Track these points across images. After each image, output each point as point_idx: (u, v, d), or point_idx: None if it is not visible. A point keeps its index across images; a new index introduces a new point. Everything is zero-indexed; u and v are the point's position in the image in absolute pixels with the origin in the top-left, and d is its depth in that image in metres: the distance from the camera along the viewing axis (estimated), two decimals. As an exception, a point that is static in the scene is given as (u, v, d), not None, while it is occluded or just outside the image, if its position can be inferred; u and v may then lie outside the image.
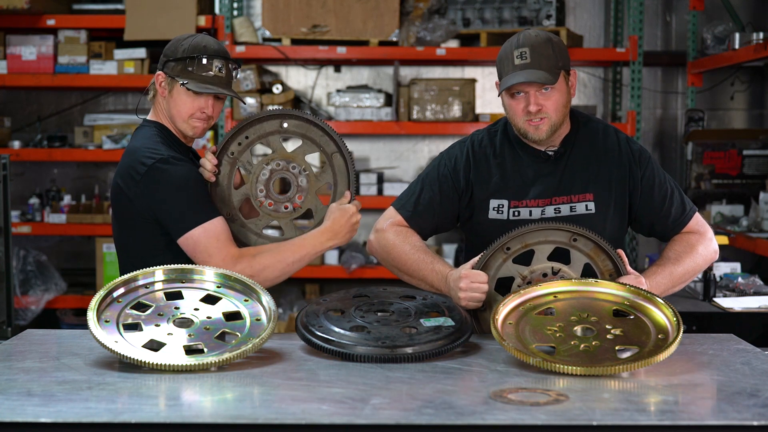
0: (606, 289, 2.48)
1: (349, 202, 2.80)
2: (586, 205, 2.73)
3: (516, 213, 2.75)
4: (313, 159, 5.02)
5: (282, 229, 2.85)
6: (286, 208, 2.83)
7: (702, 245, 2.79)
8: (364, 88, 5.82)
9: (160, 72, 2.77)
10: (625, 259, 2.63)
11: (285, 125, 2.82)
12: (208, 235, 2.63)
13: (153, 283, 2.45)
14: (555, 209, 2.73)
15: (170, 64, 2.75)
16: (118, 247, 2.81)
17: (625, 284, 2.48)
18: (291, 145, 2.92)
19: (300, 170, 2.82)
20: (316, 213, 2.85)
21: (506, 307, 2.43)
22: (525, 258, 2.63)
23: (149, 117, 2.84)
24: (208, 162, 2.77)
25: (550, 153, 2.75)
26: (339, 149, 2.81)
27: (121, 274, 2.60)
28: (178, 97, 2.75)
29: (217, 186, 2.79)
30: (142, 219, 2.69)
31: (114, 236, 2.82)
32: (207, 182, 2.76)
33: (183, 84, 2.72)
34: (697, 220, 2.84)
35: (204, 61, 2.73)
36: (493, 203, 2.76)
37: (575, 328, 2.34)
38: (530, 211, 2.74)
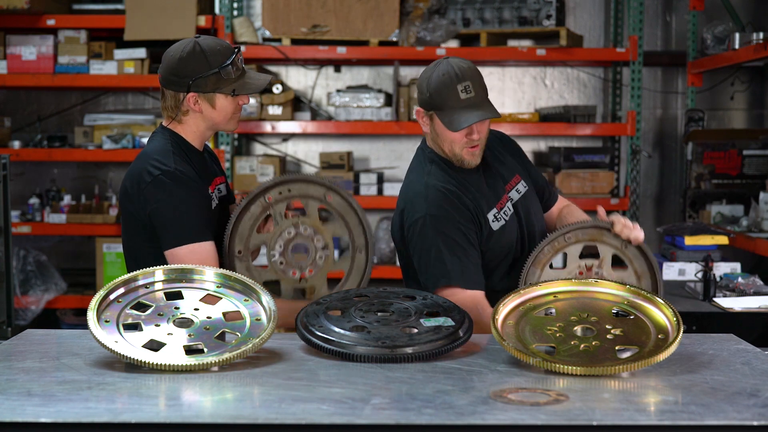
0: (606, 289, 2.49)
1: None
2: (522, 184, 2.99)
3: (505, 213, 2.91)
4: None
5: (281, 289, 2.81)
6: (293, 274, 2.80)
7: None
8: (364, 88, 5.82)
9: (191, 94, 2.73)
10: (602, 213, 2.84)
11: (329, 197, 2.80)
12: (192, 256, 2.64)
13: (153, 283, 2.45)
14: (509, 197, 2.94)
15: (200, 82, 2.72)
16: (124, 247, 2.85)
17: (626, 284, 2.50)
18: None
19: (323, 246, 2.80)
20: (316, 293, 2.79)
21: (506, 307, 2.43)
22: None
23: (165, 123, 2.82)
24: None
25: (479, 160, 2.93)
26: (366, 249, 2.79)
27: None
28: (221, 105, 2.76)
29: (241, 222, 2.77)
30: (142, 223, 2.72)
31: (122, 236, 2.85)
32: (209, 206, 2.75)
33: (233, 93, 2.74)
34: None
35: (232, 64, 2.73)
36: (490, 216, 2.88)
37: (575, 328, 2.34)
38: (508, 206, 2.93)
